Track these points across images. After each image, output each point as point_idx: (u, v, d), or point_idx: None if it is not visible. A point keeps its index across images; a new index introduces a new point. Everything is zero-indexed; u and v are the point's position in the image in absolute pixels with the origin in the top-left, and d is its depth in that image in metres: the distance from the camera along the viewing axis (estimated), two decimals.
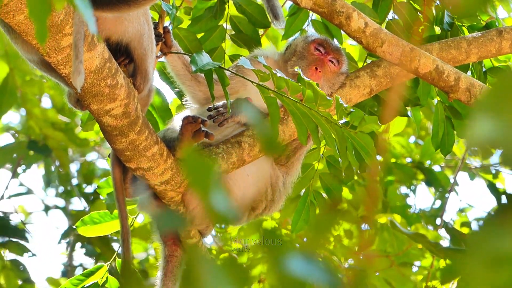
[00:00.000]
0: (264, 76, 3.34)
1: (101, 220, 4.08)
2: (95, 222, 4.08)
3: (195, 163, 1.51)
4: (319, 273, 1.50)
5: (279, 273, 1.48)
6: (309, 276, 1.49)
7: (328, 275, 1.50)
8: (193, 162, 1.51)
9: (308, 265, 1.50)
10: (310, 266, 1.50)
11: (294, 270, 1.48)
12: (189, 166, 1.51)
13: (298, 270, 1.49)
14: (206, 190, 1.51)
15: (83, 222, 4.07)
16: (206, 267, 1.46)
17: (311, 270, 1.49)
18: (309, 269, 1.50)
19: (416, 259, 5.90)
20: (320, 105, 3.35)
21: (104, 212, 4.09)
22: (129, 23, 3.36)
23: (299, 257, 1.50)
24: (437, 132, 4.37)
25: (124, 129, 3.42)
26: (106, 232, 4.11)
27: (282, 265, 1.48)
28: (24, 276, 6.64)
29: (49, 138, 7.01)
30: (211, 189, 1.51)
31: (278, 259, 1.49)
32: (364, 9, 4.09)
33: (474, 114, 1.39)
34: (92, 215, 4.08)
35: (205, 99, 4.03)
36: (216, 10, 4.33)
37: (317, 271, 1.50)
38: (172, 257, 3.88)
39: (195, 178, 1.51)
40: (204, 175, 1.51)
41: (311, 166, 4.42)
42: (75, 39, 2.86)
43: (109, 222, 4.08)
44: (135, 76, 3.45)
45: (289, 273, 1.48)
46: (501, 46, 4.14)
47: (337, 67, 4.04)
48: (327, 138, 3.37)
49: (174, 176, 3.61)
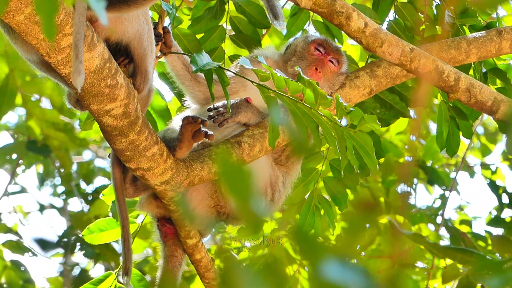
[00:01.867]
0: (264, 76, 3.34)
1: (107, 227, 4.09)
2: (101, 230, 4.09)
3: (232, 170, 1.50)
4: (357, 278, 1.48)
5: (317, 277, 1.46)
6: (347, 282, 1.46)
7: (366, 280, 1.48)
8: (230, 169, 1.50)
9: (345, 270, 1.47)
10: (348, 271, 1.47)
11: (333, 276, 1.46)
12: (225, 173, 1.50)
13: (336, 275, 1.46)
14: (244, 195, 1.50)
15: (89, 230, 4.09)
16: (243, 275, 1.45)
17: (349, 275, 1.47)
18: (347, 275, 1.47)
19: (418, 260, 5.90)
20: (320, 104, 3.35)
21: (110, 219, 4.10)
22: (129, 23, 3.36)
23: (336, 261, 1.48)
24: (441, 132, 4.36)
25: (124, 129, 3.42)
26: (112, 239, 4.12)
27: (320, 270, 1.46)
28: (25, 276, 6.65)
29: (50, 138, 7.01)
30: (249, 194, 1.50)
31: (315, 262, 1.47)
32: (364, 10, 4.09)
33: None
34: (97, 223, 4.09)
35: (205, 99, 4.03)
36: (216, 10, 4.34)
37: (354, 277, 1.47)
38: (172, 257, 3.88)
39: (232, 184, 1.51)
40: (242, 181, 1.50)
41: (315, 170, 4.41)
42: (75, 39, 2.86)
43: (115, 229, 4.09)
44: (135, 76, 3.45)
45: (328, 279, 1.46)
46: (501, 46, 4.13)
47: (337, 67, 4.04)
48: (327, 137, 3.37)
49: (174, 176, 3.61)
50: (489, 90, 3.95)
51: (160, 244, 3.94)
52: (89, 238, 4.09)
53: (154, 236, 3.95)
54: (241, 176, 1.51)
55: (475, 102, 3.94)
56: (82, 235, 4.10)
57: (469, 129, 4.35)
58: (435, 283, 6.02)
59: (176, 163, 3.63)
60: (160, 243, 3.93)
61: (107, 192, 4.16)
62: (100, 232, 4.09)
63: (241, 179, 1.51)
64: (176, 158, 3.64)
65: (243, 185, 1.51)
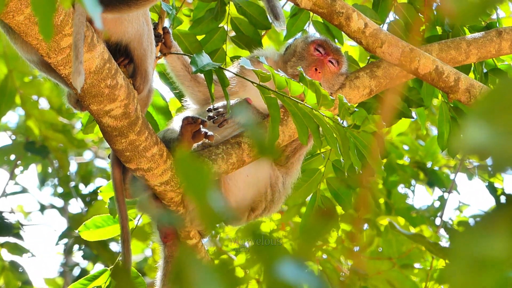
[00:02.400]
0: (265, 77, 3.34)
1: (104, 224, 4.08)
2: (97, 226, 4.08)
3: (188, 166, 1.50)
4: (309, 279, 1.49)
5: (271, 277, 1.48)
6: (299, 281, 1.49)
7: (318, 282, 1.50)
8: (186, 165, 1.51)
9: (299, 270, 1.49)
10: (301, 272, 1.49)
11: (285, 275, 1.48)
12: (182, 169, 1.51)
13: (289, 274, 1.48)
14: (201, 192, 1.50)
15: (86, 227, 4.07)
16: (196, 269, 1.46)
17: (301, 275, 1.49)
18: (300, 275, 1.49)
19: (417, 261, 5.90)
20: (322, 104, 3.34)
21: (107, 216, 4.09)
22: (129, 24, 3.36)
23: (290, 262, 1.50)
24: (442, 133, 4.35)
25: (124, 129, 3.41)
26: (108, 236, 4.11)
27: (273, 269, 1.48)
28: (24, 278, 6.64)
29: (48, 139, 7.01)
30: (206, 191, 1.50)
31: (269, 263, 1.49)
32: (365, 11, 4.08)
33: (470, 118, 1.39)
34: (94, 219, 4.08)
35: (205, 100, 4.03)
36: (216, 11, 4.33)
37: (307, 277, 1.49)
38: (172, 258, 3.87)
39: (189, 181, 1.51)
40: (198, 178, 1.51)
41: (317, 171, 4.40)
42: (75, 39, 2.86)
43: (111, 226, 4.08)
44: (135, 77, 3.45)
45: (281, 277, 1.48)
46: (501, 46, 4.14)
47: (336, 67, 4.04)
48: (328, 138, 3.37)
49: (174, 177, 3.61)
50: None
51: (159, 245, 3.93)
52: (85, 235, 4.07)
53: (153, 237, 3.94)
54: (198, 173, 1.51)
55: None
56: (78, 231, 4.08)
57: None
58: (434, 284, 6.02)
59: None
60: (159, 244, 3.92)
61: (104, 189, 4.15)
62: (96, 228, 4.07)
63: (198, 176, 1.51)
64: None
65: (200, 181, 1.51)
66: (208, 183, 1.50)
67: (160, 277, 3.89)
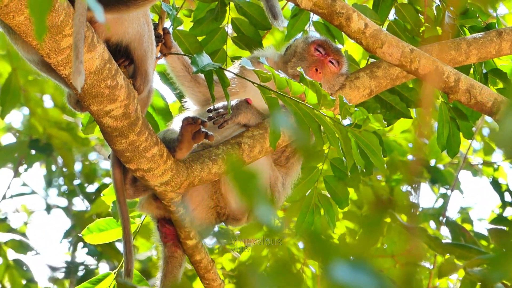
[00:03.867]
0: (265, 77, 3.34)
1: (107, 227, 4.10)
2: (101, 230, 4.10)
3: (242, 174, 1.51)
4: (369, 279, 1.46)
5: (331, 281, 1.45)
6: (359, 283, 1.45)
7: (378, 281, 1.46)
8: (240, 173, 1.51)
9: (359, 272, 1.46)
10: (362, 274, 1.46)
11: (346, 279, 1.44)
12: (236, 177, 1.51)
13: (349, 278, 1.45)
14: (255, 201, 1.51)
15: (89, 230, 4.09)
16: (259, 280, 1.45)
17: (362, 278, 1.45)
18: (361, 277, 1.46)
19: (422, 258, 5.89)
20: (323, 104, 3.35)
21: (110, 219, 4.11)
22: (129, 24, 3.36)
23: (349, 263, 1.46)
24: (442, 132, 4.35)
25: (124, 130, 3.42)
26: (112, 238, 4.13)
27: (332, 272, 1.45)
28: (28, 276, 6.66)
29: (53, 137, 7.02)
30: (260, 200, 1.51)
31: (327, 262, 1.46)
32: (365, 11, 4.08)
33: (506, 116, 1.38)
34: (97, 223, 4.10)
35: (205, 100, 4.03)
36: (217, 12, 4.34)
37: (368, 279, 1.46)
38: (172, 258, 3.88)
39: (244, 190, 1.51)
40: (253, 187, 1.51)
41: (315, 169, 4.41)
42: (75, 39, 2.86)
43: (115, 229, 4.10)
44: (135, 77, 3.45)
45: (341, 281, 1.44)
46: (501, 47, 4.13)
47: (337, 68, 4.04)
48: (330, 137, 3.37)
49: (174, 177, 3.61)
50: (489, 91, 3.95)
51: (160, 245, 3.94)
52: (88, 238, 4.09)
53: (154, 237, 3.95)
54: (249, 177, 1.52)
55: (475, 103, 3.94)
56: (82, 235, 4.11)
57: (469, 130, 4.35)
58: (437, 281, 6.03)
59: (176, 164, 3.63)
60: (160, 244, 3.93)
61: (107, 192, 4.17)
62: (99, 232, 4.09)
63: (249, 180, 1.52)
64: (176, 159, 3.64)
65: (252, 186, 1.52)
66: (259, 190, 1.51)
67: (160, 277, 3.90)
